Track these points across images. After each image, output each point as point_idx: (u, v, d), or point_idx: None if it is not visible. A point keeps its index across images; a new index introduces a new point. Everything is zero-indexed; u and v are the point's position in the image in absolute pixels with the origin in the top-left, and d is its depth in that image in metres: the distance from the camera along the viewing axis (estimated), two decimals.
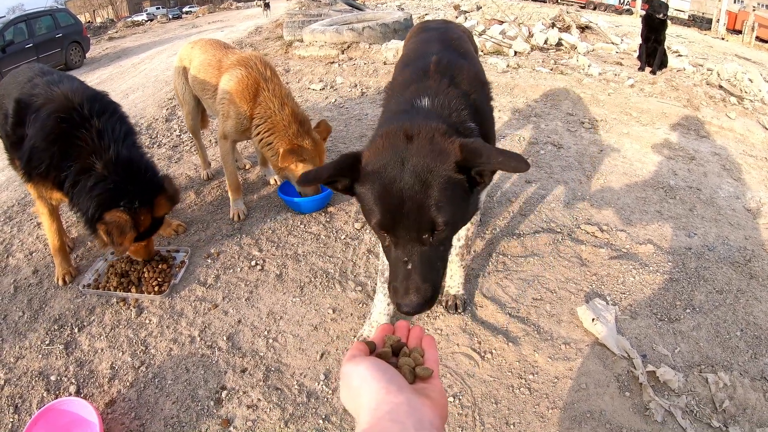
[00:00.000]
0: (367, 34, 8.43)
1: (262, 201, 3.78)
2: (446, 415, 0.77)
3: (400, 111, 1.75)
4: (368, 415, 0.69)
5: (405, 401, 0.70)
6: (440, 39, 2.40)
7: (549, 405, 2.11)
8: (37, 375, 2.38)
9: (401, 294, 1.31)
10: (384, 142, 1.43)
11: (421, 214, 1.29)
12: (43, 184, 2.60)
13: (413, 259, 1.31)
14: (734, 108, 5.98)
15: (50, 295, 2.88)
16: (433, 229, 1.30)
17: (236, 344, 2.48)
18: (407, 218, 1.29)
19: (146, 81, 8.54)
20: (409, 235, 1.31)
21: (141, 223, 2.54)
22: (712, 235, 3.28)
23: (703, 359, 2.33)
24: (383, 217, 1.32)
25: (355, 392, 0.76)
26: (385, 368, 0.78)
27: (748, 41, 18.85)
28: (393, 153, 1.37)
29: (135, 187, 2.51)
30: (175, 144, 4.99)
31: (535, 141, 4.74)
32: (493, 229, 3.29)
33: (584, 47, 9.01)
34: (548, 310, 2.61)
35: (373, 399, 0.72)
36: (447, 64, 1.97)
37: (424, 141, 1.38)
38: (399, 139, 1.41)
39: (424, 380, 0.83)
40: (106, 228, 2.43)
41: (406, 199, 1.29)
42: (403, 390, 0.73)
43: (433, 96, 1.75)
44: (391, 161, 1.35)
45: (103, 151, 2.48)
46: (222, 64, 3.38)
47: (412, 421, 0.67)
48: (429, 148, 1.36)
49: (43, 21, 13.71)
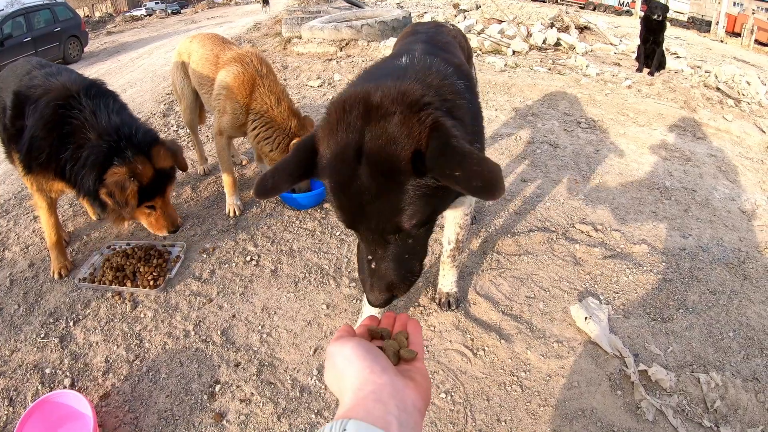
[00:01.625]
0: (366, 32, 8.43)
1: None
2: (429, 398, 0.78)
3: (369, 73, 1.53)
4: (352, 395, 0.70)
5: (389, 382, 0.71)
6: (427, 41, 2.15)
7: (540, 402, 2.12)
8: (32, 368, 2.38)
9: (367, 288, 1.27)
10: (336, 117, 1.17)
11: (382, 218, 1.13)
12: (43, 175, 2.59)
13: (376, 257, 1.21)
14: (731, 110, 5.99)
15: (46, 289, 2.88)
16: (397, 231, 1.16)
17: (230, 339, 2.49)
18: (368, 220, 1.14)
19: (144, 76, 8.52)
20: (372, 236, 1.18)
21: (142, 174, 2.44)
22: (706, 236, 3.29)
23: (695, 359, 2.35)
24: (343, 216, 1.18)
25: (339, 372, 0.77)
26: (369, 349, 0.78)
27: (747, 44, 18.90)
28: (346, 137, 1.13)
29: (128, 143, 2.43)
30: (172, 139, 4.97)
31: (531, 140, 4.74)
32: (487, 227, 3.30)
33: (583, 47, 9.03)
34: (541, 309, 2.62)
35: (357, 379, 0.72)
36: (429, 56, 1.65)
37: (386, 117, 1.11)
38: (355, 113, 1.14)
39: (408, 362, 0.84)
40: (107, 190, 2.38)
41: (364, 202, 1.11)
42: (387, 371, 0.74)
43: (412, 61, 1.48)
44: (343, 149, 1.13)
45: (96, 124, 2.45)
46: (219, 59, 3.39)
47: (395, 401, 0.67)
48: (391, 129, 1.10)
49: (42, 15, 13.67)
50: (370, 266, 1.22)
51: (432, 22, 2.76)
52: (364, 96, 1.16)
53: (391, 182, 1.09)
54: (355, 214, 1.14)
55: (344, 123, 1.14)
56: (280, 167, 1.22)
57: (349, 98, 1.18)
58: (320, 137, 1.20)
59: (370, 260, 1.21)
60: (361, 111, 1.14)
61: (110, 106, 2.56)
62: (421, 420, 0.71)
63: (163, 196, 2.64)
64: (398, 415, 0.65)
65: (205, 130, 4.89)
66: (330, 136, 1.16)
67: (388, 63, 1.63)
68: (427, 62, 1.49)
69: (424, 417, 0.76)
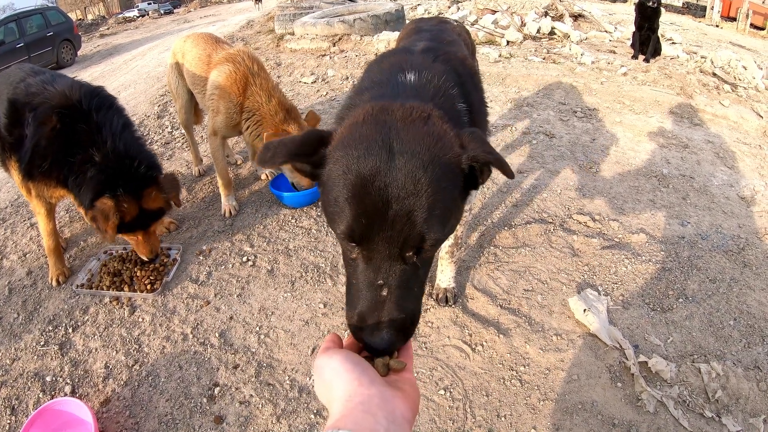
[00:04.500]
0: (359, 26, 8.39)
1: (254, 196, 3.77)
2: (417, 408, 0.78)
3: (378, 82, 1.46)
4: (341, 407, 0.70)
5: (377, 393, 0.72)
6: (432, 39, 2.10)
7: (540, 397, 2.11)
8: (32, 376, 2.38)
9: (371, 328, 0.95)
10: (364, 116, 1.09)
11: (409, 224, 0.95)
12: (45, 183, 2.61)
13: (390, 282, 0.98)
14: (728, 95, 5.97)
15: (44, 296, 2.88)
16: (421, 244, 0.97)
17: (228, 341, 2.48)
18: (391, 227, 0.95)
19: (138, 78, 8.49)
20: (389, 250, 0.97)
21: (126, 212, 2.51)
22: (705, 224, 3.28)
23: (695, 349, 2.34)
24: (355, 222, 0.97)
25: (327, 384, 0.77)
26: (357, 361, 0.79)
27: (742, 28, 18.79)
28: (376, 133, 1.02)
29: (125, 176, 2.50)
30: (167, 141, 4.98)
31: (527, 131, 4.72)
32: (484, 220, 3.29)
33: (577, 36, 8.98)
34: (539, 302, 2.61)
35: (345, 391, 0.73)
36: (435, 48, 1.76)
37: (418, 123, 1.05)
38: (386, 115, 1.07)
39: (397, 372, 0.85)
40: (93, 214, 2.46)
41: (391, 200, 0.94)
42: (375, 382, 0.74)
43: (418, 71, 1.46)
44: (372, 144, 1.00)
45: (101, 144, 2.50)
46: (211, 59, 3.38)
47: (383, 413, 0.68)
48: (425, 133, 1.03)
49: (34, 20, 13.60)
50: (379, 295, 0.97)
51: (435, 19, 2.72)
52: (391, 103, 1.12)
53: (425, 177, 0.97)
54: (374, 217, 0.95)
55: (372, 118, 1.07)
56: (284, 141, 1.09)
57: (373, 103, 1.13)
58: (339, 132, 1.10)
59: (380, 286, 0.98)
60: (390, 112, 1.08)
61: (114, 123, 2.59)
62: (410, 430, 0.72)
63: (146, 230, 2.69)
64: (387, 426, 0.66)
65: (199, 131, 4.87)
66: (354, 130, 1.06)
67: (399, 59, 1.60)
68: (441, 70, 1.51)
69: (413, 422, 0.76)
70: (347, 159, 1.00)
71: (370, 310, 0.97)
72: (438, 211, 0.96)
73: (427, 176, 0.96)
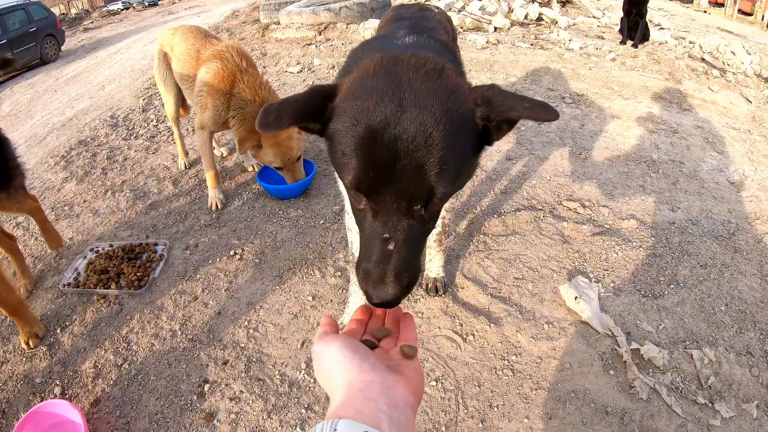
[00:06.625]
0: (345, 14, 8.30)
1: (240, 188, 3.73)
2: (421, 392, 0.78)
3: (379, 46, 1.46)
4: (342, 394, 0.70)
5: (378, 379, 0.72)
6: (412, 27, 2.06)
7: (533, 386, 2.10)
8: (22, 378, 2.35)
9: (375, 281, 0.97)
10: (374, 67, 1.06)
11: (419, 176, 0.94)
12: None
13: (397, 236, 0.98)
14: (717, 81, 5.96)
15: (31, 297, 2.84)
16: (429, 198, 0.97)
17: (217, 336, 2.45)
18: (399, 180, 0.94)
19: (122, 71, 8.37)
20: (397, 203, 0.96)
21: None
22: (695, 209, 3.27)
23: (687, 335, 2.33)
24: (363, 174, 0.96)
25: (327, 372, 0.77)
26: (356, 347, 0.79)
27: (730, 14, 18.85)
28: (388, 83, 1.00)
29: None
30: (152, 134, 4.91)
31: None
32: (473, 208, 3.26)
33: (565, 21, 8.94)
34: (530, 290, 2.59)
35: (346, 378, 0.73)
36: (416, 34, 1.76)
37: (431, 74, 1.03)
38: (397, 66, 1.04)
39: (409, 358, 0.85)
40: None
41: (401, 152, 0.93)
42: (376, 368, 0.74)
43: (415, 37, 1.50)
44: (384, 94, 0.98)
45: None
46: (200, 55, 3.34)
47: (385, 399, 0.68)
48: (438, 86, 1.00)
49: (17, 15, 13.33)
50: (386, 248, 0.98)
51: (416, 5, 2.66)
52: (404, 53, 1.09)
53: (437, 130, 0.95)
54: (382, 170, 0.94)
55: (383, 68, 1.05)
56: (288, 100, 1.05)
57: (383, 54, 1.10)
58: (344, 85, 1.07)
59: (387, 239, 0.98)
60: (403, 63, 1.05)
61: None
62: (413, 415, 0.72)
63: None
64: (389, 412, 0.66)
65: (185, 123, 4.80)
66: (364, 80, 1.03)
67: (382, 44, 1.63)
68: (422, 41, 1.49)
69: (417, 406, 0.75)
70: (356, 111, 0.98)
71: (378, 263, 0.98)
72: (448, 166, 0.95)
73: (438, 130, 0.94)
